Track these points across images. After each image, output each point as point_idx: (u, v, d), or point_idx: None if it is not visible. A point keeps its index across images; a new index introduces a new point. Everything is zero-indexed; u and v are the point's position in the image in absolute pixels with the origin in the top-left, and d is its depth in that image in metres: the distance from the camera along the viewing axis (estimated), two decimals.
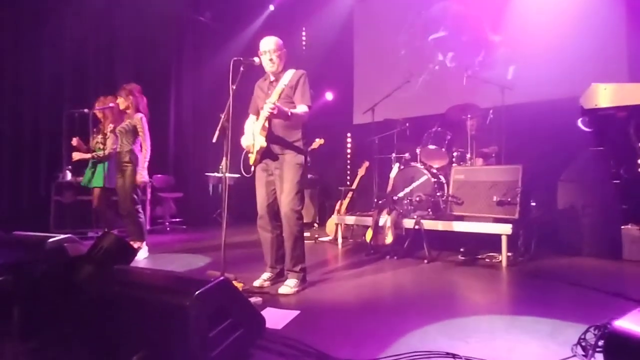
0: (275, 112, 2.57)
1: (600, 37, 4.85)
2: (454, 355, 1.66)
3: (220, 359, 1.45)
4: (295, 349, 1.74)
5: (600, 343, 1.64)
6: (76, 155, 4.42)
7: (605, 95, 1.66)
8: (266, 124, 2.73)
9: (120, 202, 3.98)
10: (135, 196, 3.92)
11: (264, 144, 2.74)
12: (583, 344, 1.72)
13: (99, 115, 4.27)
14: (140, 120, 3.93)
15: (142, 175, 3.87)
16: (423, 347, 1.75)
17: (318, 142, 4.69)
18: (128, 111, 3.97)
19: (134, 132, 3.93)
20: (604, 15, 4.88)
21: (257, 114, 2.89)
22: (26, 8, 5.40)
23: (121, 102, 3.95)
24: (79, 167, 4.82)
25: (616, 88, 1.63)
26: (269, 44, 2.84)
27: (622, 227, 3.88)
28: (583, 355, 1.66)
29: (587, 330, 1.77)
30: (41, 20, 5.54)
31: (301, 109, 2.79)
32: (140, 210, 3.99)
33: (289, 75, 2.86)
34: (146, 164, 3.94)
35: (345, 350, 1.75)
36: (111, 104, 4.10)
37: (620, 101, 1.60)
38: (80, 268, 1.70)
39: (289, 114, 2.67)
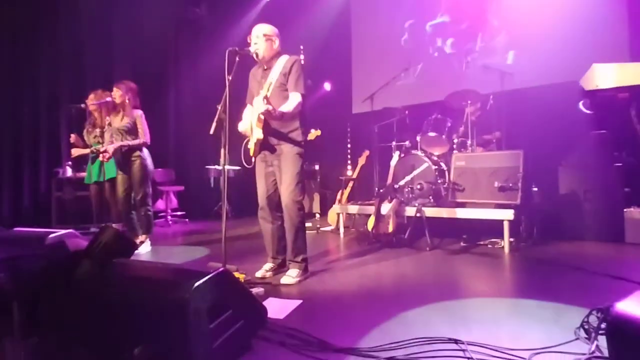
0: (263, 117, 2.61)
1: (601, 18, 4.78)
2: (456, 341, 1.66)
3: (222, 350, 1.45)
4: (297, 339, 1.74)
5: (603, 326, 1.63)
6: (75, 152, 4.41)
7: (606, 76, 1.63)
8: (262, 116, 2.71)
9: (120, 196, 3.98)
10: (147, 189, 3.96)
11: (261, 137, 2.71)
12: (586, 327, 1.72)
13: (92, 109, 4.25)
14: (140, 117, 3.98)
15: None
16: (425, 333, 1.75)
17: (314, 133, 4.63)
18: (125, 106, 3.96)
19: (135, 129, 3.95)
20: None
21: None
22: (23, 5, 5.35)
23: (118, 96, 3.94)
24: (79, 163, 4.81)
25: (617, 68, 1.60)
26: (255, 30, 2.82)
27: (625, 210, 3.87)
28: (586, 338, 1.66)
29: (589, 314, 1.76)
30: (38, 16, 5.50)
31: (294, 98, 2.74)
32: (150, 203, 4.02)
33: (282, 61, 2.82)
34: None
35: (347, 338, 1.75)
36: (108, 99, 4.09)
37: (621, 82, 1.57)
38: (80, 263, 1.69)
39: (281, 114, 2.64)
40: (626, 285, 2.45)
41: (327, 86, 7.54)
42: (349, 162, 7.27)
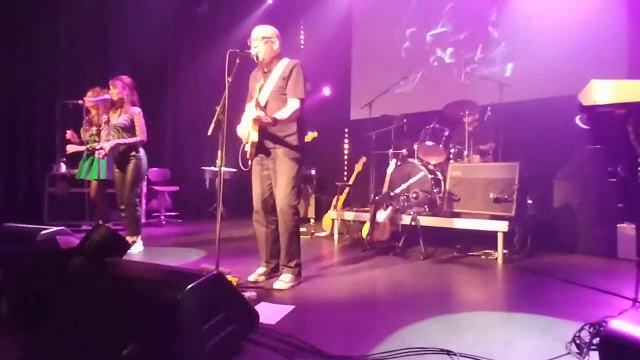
0: (258, 124, 2.60)
1: (600, 34, 4.83)
2: (448, 352, 1.66)
3: (213, 352, 1.44)
4: (289, 344, 1.72)
5: (595, 341, 1.64)
6: (70, 148, 4.37)
7: (603, 92, 1.65)
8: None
9: (119, 195, 3.95)
10: (138, 190, 3.95)
11: (256, 139, 2.69)
12: (577, 341, 1.72)
13: (89, 105, 4.22)
14: (138, 114, 3.94)
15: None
16: (418, 343, 1.74)
17: (311, 135, 4.64)
18: (123, 103, 3.93)
19: (133, 127, 3.92)
20: (604, 11, 4.86)
21: None
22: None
23: (115, 93, 3.91)
24: (74, 159, 4.77)
25: (615, 85, 1.62)
26: (255, 32, 2.80)
27: (618, 225, 3.89)
28: (577, 353, 1.66)
29: (581, 328, 1.76)
30: (37, 11, 5.47)
31: (291, 104, 2.73)
32: (139, 204, 3.99)
33: (283, 65, 2.82)
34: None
35: (339, 345, 1.73)
36: (106, 96, 4.06)
37: (619, 98, 1.59)
38: (71, 261, 1.67)
39: (274, 121, 2.62)
40: (617, 301, 2.46)
41: (327, 91, 7.57)
42: (345, 168, 7.28)
